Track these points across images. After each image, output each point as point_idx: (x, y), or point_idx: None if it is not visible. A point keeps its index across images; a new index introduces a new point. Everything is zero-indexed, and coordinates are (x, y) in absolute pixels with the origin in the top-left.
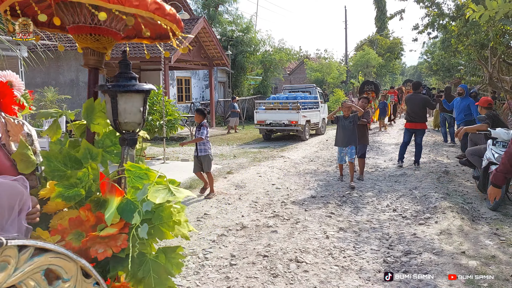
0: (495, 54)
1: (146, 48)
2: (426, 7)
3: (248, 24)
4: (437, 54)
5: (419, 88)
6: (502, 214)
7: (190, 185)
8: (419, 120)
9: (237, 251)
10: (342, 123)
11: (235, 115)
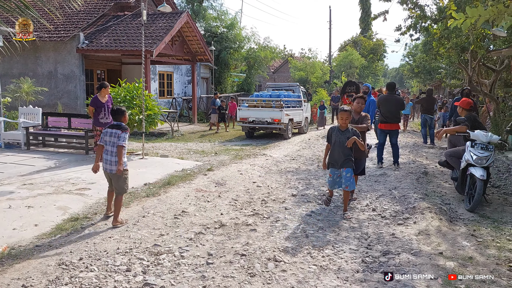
0: (475, 57)
1: (128, 41)
2: (409, 9)
3: (233, 20)
4: (419, 56)
5: (394, 89)
6: (479, 215)
7: (168, 181)
8: (394, 120)
9: (215, 250)
10: (338, 137)
11: (215, 111)
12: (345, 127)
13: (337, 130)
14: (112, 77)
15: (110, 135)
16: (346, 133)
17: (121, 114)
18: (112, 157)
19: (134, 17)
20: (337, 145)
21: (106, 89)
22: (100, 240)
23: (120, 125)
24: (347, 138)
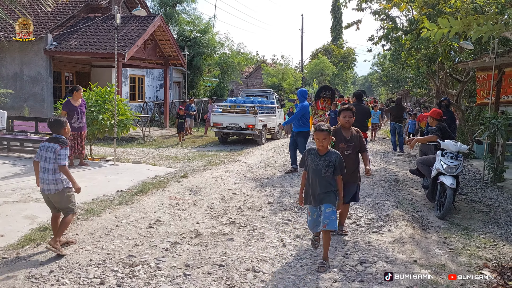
0: (443, 69)
1: (99, 43)
2: (382, 20)
3: (207, 25)
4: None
5: (361, 98)
6: (449, 222)
7: (141, 189)
8: (361, 129)
9: (192, 260)
10: (315, 164)
11: (190, 116)
12: (324, 151)
13: (314, 154)
14: (81, 80)
15: (47, 150)
16: (326, 159)
17: (60, 126)
18: (50, 175)
19: (105, 20)
20: (314, 174)
21: (79, 92)
22: (72, 252)
23: (58, 139)
24: (327, 166)
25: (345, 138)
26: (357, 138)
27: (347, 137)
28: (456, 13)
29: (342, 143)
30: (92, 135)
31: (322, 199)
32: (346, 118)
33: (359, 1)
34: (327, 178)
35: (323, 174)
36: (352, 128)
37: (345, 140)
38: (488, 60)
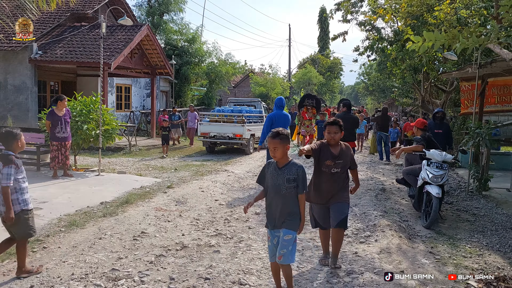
0: (427, 78)
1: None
2: (367, 31)
3: (194, 34)
4: (373, 75)
5: (350, 107)
6: (435, 232)
7: (126, 200)
8: (350, 138)
9: (177, 274)
10: (274, 179)
11: (176, 126)
12: (283, 162)
13: (274, 168)
14: (67, 89)
15: None
16: (286, 172)
17: (12, 139)
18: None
19: (91, 29)
20: (273, 191)
21: (63, 102)
22: (53, 265)
23: (3, 156)
24: (288, 181)
25: (333, 154)
26: (346, 155)
27: (335, 154)
28: (440, 25)
29: (329, 160)
30: (77, 145)
31: (283, 222)
32: (331, 134)
33: (344, 13)
34: (289, 197)
35: (283, 191)
36: (341, 143)
37: (333, 157)
38: (472, 70)
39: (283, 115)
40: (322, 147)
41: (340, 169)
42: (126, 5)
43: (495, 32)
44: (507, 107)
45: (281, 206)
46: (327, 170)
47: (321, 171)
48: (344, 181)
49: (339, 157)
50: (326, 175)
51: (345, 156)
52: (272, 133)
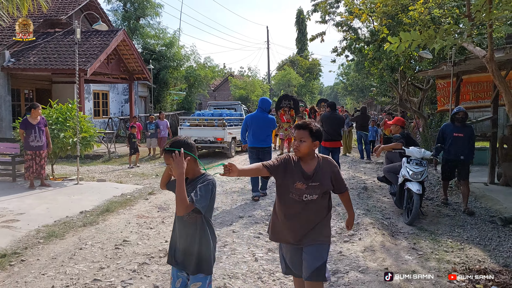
0: (404, 77)
1: (59, 59)
2: (344, 31)
3: (172, 38)
4: (352, 75)
5: (335, 108)
6: (417, 228)
7: (107, 208)
8: (337, 138)
9: (161, 281)
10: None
11: (153, 136)
12: (193, 176)
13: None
14: (42, 97)
15: None
16: (189, 189)
17: None
18: None
19: (66, 35)
20: (180, 222)
21: (37, 110)
22: (32, 278)
23: None
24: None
25: (304, 173)
26: (326, 173)
27: (308, 173)
28: (415, 24)
29: (300, 182)
30: (54, 154)
31: (188, 263)
32: (296, 142)
33: (322, 14)
34: (194, 225)
35: (185, 217)
36: (318, 157)
37: (305, 177)
38: (447, 68)
39: (261, 117)
40: (288, 163)
41: (316, 194)
42: (101, 10)
43: (468, 30)
44: (482, 103)
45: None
46: (297, 197)
47: (288, 198)
48: (323, 212)
49: (315, 177)
50: (296, 205)
51: (324, 176)
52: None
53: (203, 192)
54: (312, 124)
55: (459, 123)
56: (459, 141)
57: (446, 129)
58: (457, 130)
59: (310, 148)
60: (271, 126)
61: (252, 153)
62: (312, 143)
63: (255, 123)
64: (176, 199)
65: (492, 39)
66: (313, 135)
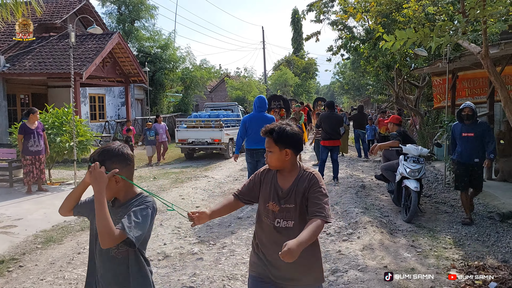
0: (400, 75)
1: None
2: (339, 30)
3: (167, 40)
4: (348, 74)
5: (333, 107)
6: (416, 225)
7: None
8: (336, 137)
9: (159, 284)
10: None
11: (152, 142)
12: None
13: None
14: (38, 101)
15: None
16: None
17: None
18: None
19: (60, 39)
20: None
21: (35, 114)
22: (31, 284)
23: None
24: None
25: (279, 190)
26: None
27: (284, 189)
28: (409, 23)
29: (273, 201)
30: (51, 159)
31: None
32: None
33: (317, 13)
34: (124, 262)
35: (112, 251)
36: (302, 169)
37: (278, 196)
38: (442, 65)
39: (261, 117)
40: (265, 176)
41: (293, 221)
42: (96, 13)
43: (462, 26)
44: (478, 100)
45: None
46: (269, 221)
47: (262, 222)
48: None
49: (290, 197)
50: (269, 232)
51: (302, 195)
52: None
53: (138, 217)
54: (276, 127)
55: (468, 121)
56: (470, 141)
57: (455, 129)
58: (466, 130)
59: (280, 159)
60: None
61: (250, 156)
62: (281, 151)
63: (255, 124)
64: (97, 227)
65: (487, 35)
66: (279, 141)
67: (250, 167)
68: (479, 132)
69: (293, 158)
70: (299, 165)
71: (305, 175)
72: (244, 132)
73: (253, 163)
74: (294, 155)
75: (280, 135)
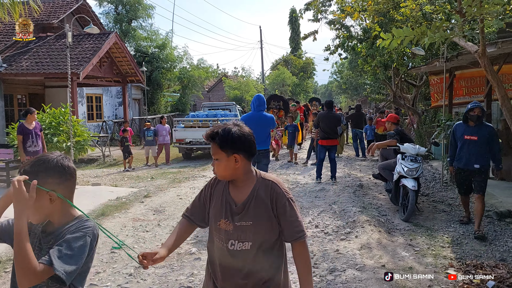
0: (398, 74)
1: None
2: (337, 29)
3: (164, 40)
4: (346, 73)
5: (332, 106)
6: (413, 224)
7: (102, 212)
8: (333, 136)
9: (157, 284)
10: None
11: (150, 143)
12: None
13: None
14: (35, 101)
15: None
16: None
17: None
18: None
19: (57, 39)
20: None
21: (33, 115)
22: None
23: None
24: None
25: (232, 204)
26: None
27: (237, 203)
28: (407, 21)
29: (225, 219)
30: None
31: None
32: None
33: (314, 12)
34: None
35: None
36: (258, 178)
37: (231, 211)
38: (439, 64)
39: (259, 117)
40: (215, 189)
41: (250, 242)
42: (93, 13)
43: (459, 26)
44: (475, 98)
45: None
46: (221, 243)
47: (213, 242)
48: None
49: (245, 212)
50: (221, 255)
51: (259, 210)
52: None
53: (72, 248)
54: (219, 129)
55: (473, 123)
56: (472, 145)
57: (456, 130)
58: (469, 132)
59: (229, 167)
60: (271, 125)
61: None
62: (229, 158)
63: (253, 124)
64: (14, 261)
65: (484, 34)
66: (225, 146)
67: None
68: (483, 136)
69: (245, 165)
70: (256, 173)
71: (264, 185)
72: None
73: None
74: (247, 161)
75: (225, 139)
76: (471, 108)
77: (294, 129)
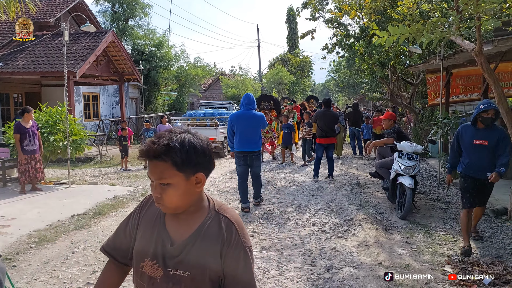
0: (395, 72)
1: (48, 62)
2: (334, 28)
3: (161, 39)
4: (343, 72)
5: (329, 105)
6: (410, 222)
7: (99, 211)
8: (331, 134)
9: None
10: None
11: None
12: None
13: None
14: (31, 100)
15: None
16: None
17: None
18: None
19: (54, 37)
20: None
21: (30, 114)
22: (24, 284)
23: None
24: None
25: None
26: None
27: (176, 241)
28: (404, 20)
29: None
30: (45, 158)
31: None
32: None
33: (312, 10)
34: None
35: None
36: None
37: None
38: (436, 62)
39: (249, 115)
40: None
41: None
42: (90, 11)
43: (456, 23)
44: (472, 97)
45: None
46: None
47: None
48: None
49: (184, 256)
50: None
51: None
52: None
53: None
54: (170, 141)
55: (483, 126)
56: (482, 151)
57: (463, 133)
58: (479, 136)
59: (189, 193)
60: (261, 125)
61: (239, 159)
62: (188, 181)
63: (242, 123)
64: None
65: (481, 32)
66: (186, 164)
67: (241, 171)
68: (493, 141)
69: (201, 188)
70: (209, 201)
71: (217, 221)
72: (232, 131)
73: (245, 167)
74: (204, 181)
75: (185, 153)
76: (485, 109)
77: (290, 128)
